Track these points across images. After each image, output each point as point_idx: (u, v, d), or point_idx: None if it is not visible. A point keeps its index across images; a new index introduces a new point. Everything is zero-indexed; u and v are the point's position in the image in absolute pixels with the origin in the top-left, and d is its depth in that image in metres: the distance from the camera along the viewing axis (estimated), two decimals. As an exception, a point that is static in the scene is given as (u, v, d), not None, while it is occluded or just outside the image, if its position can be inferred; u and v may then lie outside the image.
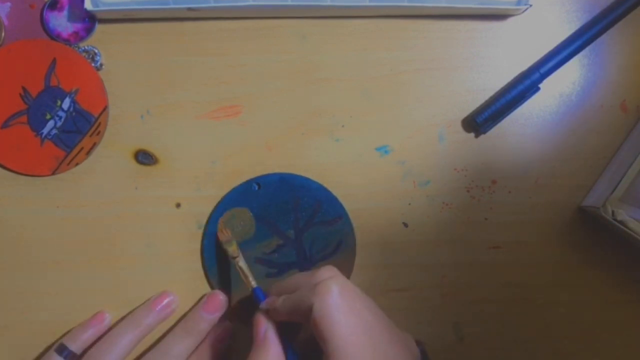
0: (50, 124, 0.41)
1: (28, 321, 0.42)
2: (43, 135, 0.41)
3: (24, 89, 0.41)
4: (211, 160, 0.42)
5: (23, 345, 0.42)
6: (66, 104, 0.41)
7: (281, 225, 0.42)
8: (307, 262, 0.42)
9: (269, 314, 0.36)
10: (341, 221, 0.42)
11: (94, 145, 0.42)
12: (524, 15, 0.43)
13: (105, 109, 0.41)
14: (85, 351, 0.40)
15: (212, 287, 0.42)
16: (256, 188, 0.42)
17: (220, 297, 0.41)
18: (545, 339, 0.44)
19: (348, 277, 0.42)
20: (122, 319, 0.41)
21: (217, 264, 0.42)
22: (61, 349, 0.39)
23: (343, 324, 0.32)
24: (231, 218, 0.42)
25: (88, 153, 0.42)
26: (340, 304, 0.32)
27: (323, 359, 0.32)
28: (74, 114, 0.41)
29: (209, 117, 0.42)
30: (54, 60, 0.41)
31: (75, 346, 0.40)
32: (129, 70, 0.42)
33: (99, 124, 0.41)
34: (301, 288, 0.34)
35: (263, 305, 0.37)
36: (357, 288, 0.34)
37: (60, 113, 0.41)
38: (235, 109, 0.42)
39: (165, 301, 0.41)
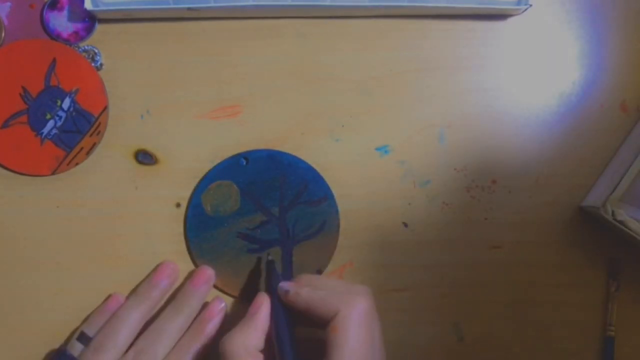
0: (50, 123, 0.41)
1: (28, 321, 0.42)
2: (43, 135, 0.41)
3: (24, 88, 0.41)
4: (211, 160, 0.42)
5: (23, 345, 0.42)
6: (66, 103, 0.41)
7: (266, 202, 0.42)
8: (290, 240, 0.42)
9: (287, 296, 0.37)
10: (326, 202, 0.42)
11: (94, 145, 0.42)
12: (524, 15, 0.43)
13: (105, 109, 0.41)
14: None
15: (193, 260, 0.42)
16: (244, 163, 0.42)
17: (208, 270, 0.41)
18: (545, 339, 0.44)
19: (329, 258, 0.42)
20: (127, 297, 0.41)
21: (200, 234, 0.42)
22: (82, 337, 0.40)
23: (357, 340, 0.34)
24: (216, 189, 0.42)
25: (88, 153, 0.42)
26: (363, 322, 0.34)
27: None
28: (74, 113, 0.41)
29: (209, 117, 0.42)
30: (54, 60, 0.41)
31: (95, 332, 0.40)
32: (129, 70, 0.42)
33: (99, 123, 0.41)
34: (330, 290, 0.36)
35: (285, 285, 0.37)
36: (377, 316, 0.36)
37: (61, 113, 0.41)
38: (235, 109, 0.42)
39: (167, 271, 0.41)
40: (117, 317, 0.40)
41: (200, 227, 0.42)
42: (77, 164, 0.42)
